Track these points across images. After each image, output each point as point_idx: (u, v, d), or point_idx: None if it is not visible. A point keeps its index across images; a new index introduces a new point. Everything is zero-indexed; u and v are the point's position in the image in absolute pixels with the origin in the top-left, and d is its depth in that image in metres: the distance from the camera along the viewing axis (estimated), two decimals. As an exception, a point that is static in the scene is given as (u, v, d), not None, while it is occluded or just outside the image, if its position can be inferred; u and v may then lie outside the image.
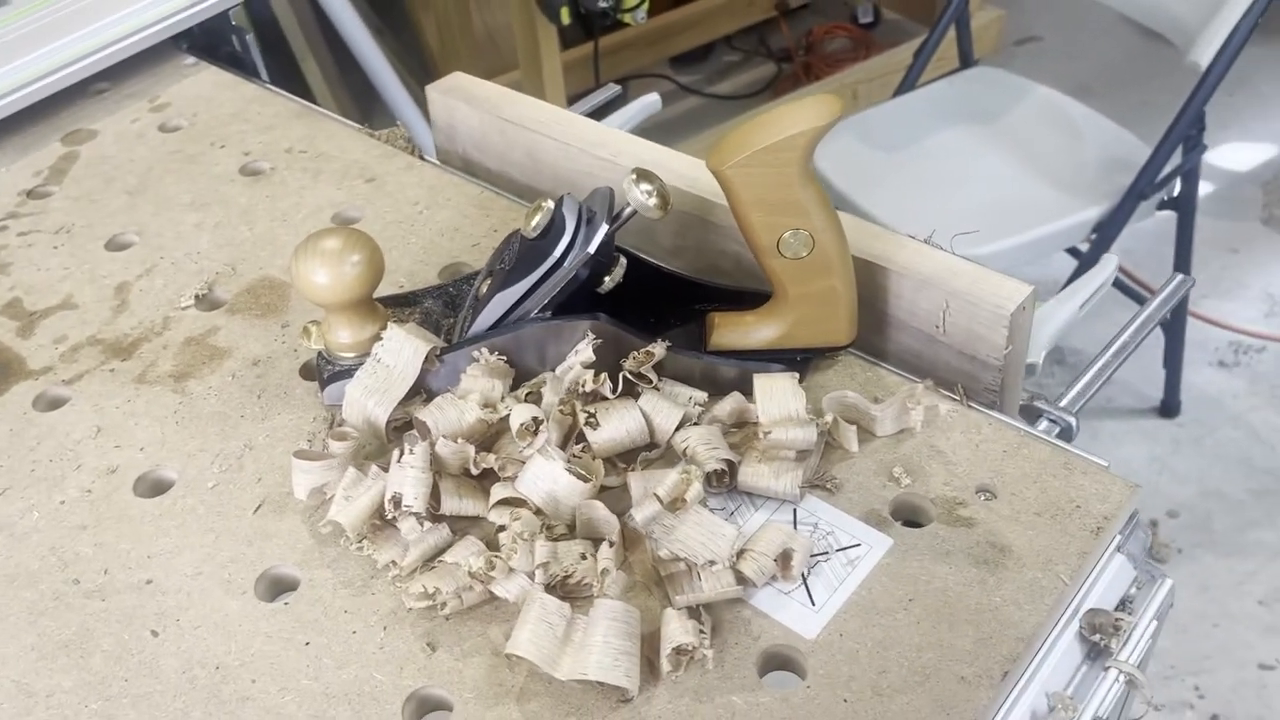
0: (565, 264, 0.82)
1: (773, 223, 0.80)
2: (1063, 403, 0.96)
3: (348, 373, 0.88)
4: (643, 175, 0.82)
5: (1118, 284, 2.23)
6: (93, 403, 0.92)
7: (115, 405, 0.91)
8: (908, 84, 2.36)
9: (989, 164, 2.19)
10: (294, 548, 0.80)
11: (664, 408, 0.82)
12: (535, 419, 0.78)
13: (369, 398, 0.84)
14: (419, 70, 3.02)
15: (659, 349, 0.82)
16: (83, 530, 0.82)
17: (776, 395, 0.82)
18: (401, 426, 0.86)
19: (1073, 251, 2.21)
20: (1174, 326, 2.33)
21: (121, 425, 0.90)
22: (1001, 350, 0.86)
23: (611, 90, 1.41)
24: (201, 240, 1.07)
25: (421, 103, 2.19)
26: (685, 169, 1.00)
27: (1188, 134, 2.03)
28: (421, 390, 0.86)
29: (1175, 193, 2.17)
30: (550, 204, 0.83)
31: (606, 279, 0.86)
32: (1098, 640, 0.74)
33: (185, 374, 0.94)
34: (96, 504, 0.84)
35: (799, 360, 0.88)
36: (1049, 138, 2.22)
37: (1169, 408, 2.46)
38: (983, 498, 0.79)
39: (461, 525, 0.80)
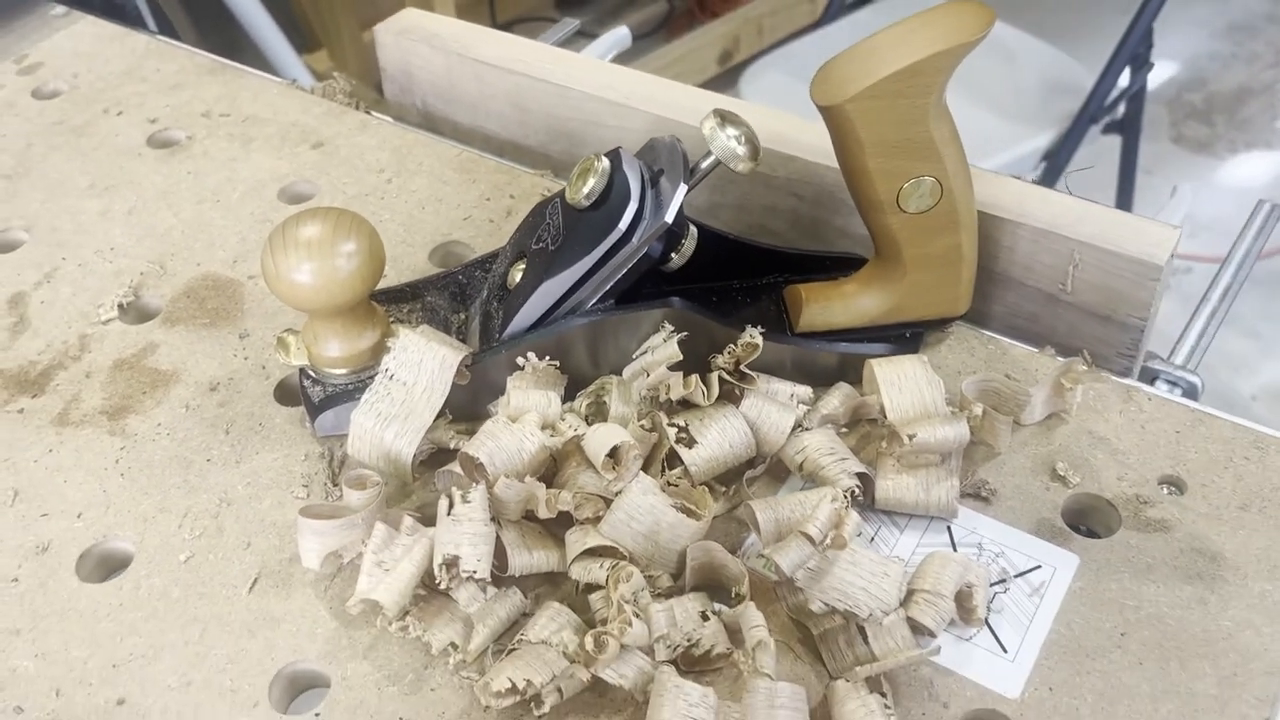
0: (634, 238, 0.64)
1: (895, 169, 0.64)
2: (1178, 359, 0.83)
3: (345, 394, 0.69)
4: (727, 117, 0.64)
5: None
6: (1, 456, 0.70)
7: (33, 459, 0.70)
8: (832, 12, 2.21)
9: (929, 95, 2.06)
10: (313, 635, 0.60)
11: (771, 413, 0.65)
12: (625, 445, 0.60)
13: (385, 427, 0.64)
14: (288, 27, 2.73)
15: (757, 337, 0.65)
16: (15, 636, 0.61)
17: (906, 384, 0.65)
18: (428, 459, 0.67)
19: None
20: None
21: (46, 485, 0.68)
22: (1147, 308, 0.72)
23: (569, 25, 1.22)
24: (113, 232, 0.85)
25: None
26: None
27: (1136, 51, 1.94)
28: (444, 410, 0.67)
29: (1119, 114, 2.09)
30: (604, 163, 0.65)
31: (674, 255, 0.69)
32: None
33: (122, 409, 0.72)
34: (29, 597, 0.63)
35: (908, 336, 0.72)
36: (985, 65, 2.09)
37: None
38: (1168, 491, 0.65)
39: (530, 584, 0.62)
